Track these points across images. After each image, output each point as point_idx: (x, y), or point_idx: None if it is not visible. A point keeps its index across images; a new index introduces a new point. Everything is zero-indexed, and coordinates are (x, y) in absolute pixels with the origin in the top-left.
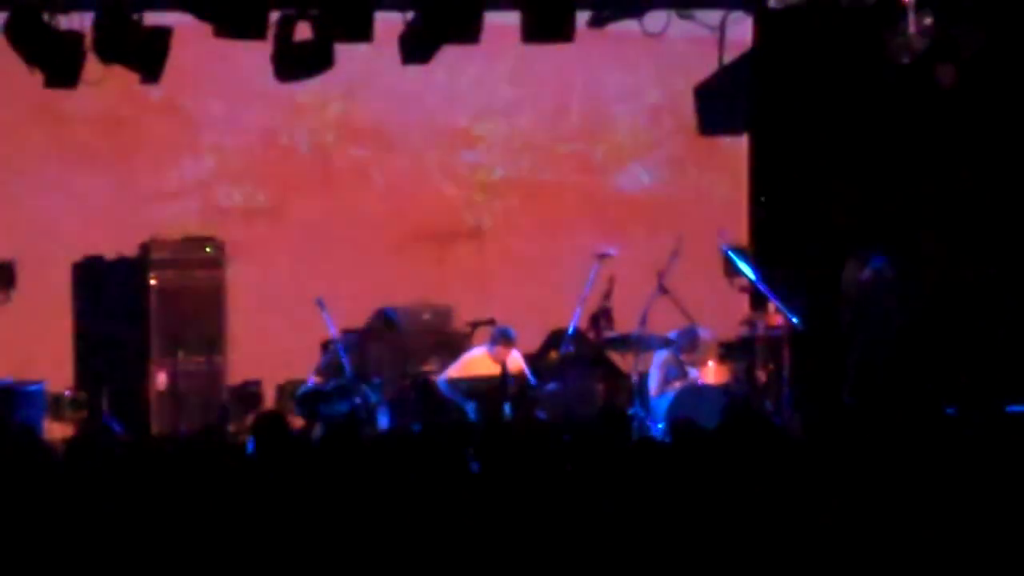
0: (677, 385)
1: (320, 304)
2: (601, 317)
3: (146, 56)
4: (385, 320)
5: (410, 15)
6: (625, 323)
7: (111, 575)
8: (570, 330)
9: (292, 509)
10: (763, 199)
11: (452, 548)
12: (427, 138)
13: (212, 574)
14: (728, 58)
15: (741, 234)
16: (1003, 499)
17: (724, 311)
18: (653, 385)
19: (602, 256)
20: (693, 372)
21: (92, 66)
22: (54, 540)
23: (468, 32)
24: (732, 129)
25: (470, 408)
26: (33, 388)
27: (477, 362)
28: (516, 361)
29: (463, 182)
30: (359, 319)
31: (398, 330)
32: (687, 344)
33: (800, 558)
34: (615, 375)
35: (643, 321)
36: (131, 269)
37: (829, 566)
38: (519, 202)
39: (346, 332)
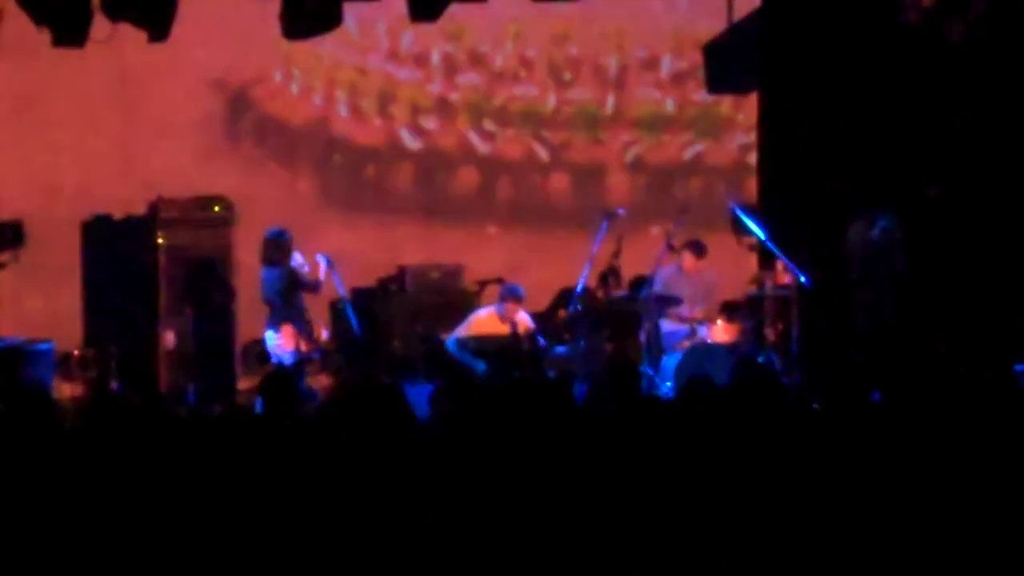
0: (686, 344)
1: (329, 263)
2: (610, 276)
3: (154, 14)
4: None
5: None
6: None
7: (119, 537)
8: (578, 289)
9: (301, 470)
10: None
11: (458, 507)
12: (437, 96)
13: (219, 535)
14: (737, 16)
15: (750, 192)
16: (1010, 457)
17: (733, 270)
18: None
19: (611, 215)
20: (702, 331)
21: (100, 24)
22: (66, 502)
23: None
24: (741, 88)
25: (479, 367)
26: (42, 347)
27: (486, 321)
28: (524, 320)
29: (471, 141)
30: (369, 278)
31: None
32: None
33: (807, 517)
34: (624, 334)
35: (653, 281)
36: (140, 228)
37: (836, 526)
38: (527, 160)
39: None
